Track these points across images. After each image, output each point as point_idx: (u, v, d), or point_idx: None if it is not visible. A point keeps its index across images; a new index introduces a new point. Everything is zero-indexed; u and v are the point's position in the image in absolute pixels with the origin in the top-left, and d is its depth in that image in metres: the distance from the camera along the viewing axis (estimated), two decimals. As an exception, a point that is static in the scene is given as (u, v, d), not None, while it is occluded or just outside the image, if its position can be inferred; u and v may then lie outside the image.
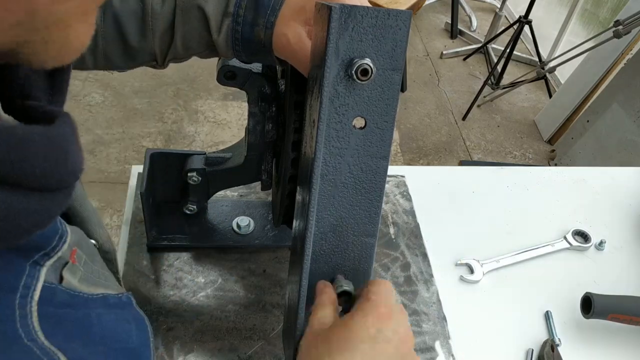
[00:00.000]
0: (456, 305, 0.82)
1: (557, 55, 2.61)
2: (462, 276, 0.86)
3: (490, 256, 0.89)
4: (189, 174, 0.75)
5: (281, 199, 0.66)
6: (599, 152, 2.27)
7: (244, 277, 0.80)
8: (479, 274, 0.86)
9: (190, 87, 2.60)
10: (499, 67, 2.76)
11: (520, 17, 2.63)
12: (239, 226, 0.83)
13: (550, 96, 2.96)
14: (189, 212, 0.81)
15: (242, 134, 0.75)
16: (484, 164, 2.46)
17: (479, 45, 3.15)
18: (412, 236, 0.91)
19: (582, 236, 0.94)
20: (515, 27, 2.66)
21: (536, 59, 2.94)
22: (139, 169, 0.89)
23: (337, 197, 0.48)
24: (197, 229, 0.83)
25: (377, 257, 0.86)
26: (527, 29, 2.66)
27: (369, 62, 0.42)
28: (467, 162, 2.49)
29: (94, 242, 0.42)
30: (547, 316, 0.82)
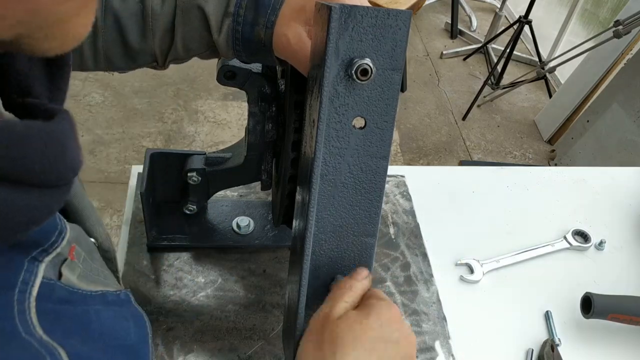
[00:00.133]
0: (456, 305, 0.82)
1: (557, 55, 2.61)
2: (462, 276, 0.86)
3: (490, 256, 0.89)
4: (189, 174, 0.75)
5: (281, 199, 0.66)
6: (599, 152, 2.27)
7: (244, 277, 0.80)
8: (479, 274, 0.86)
9: (190, 87, 2.60)
10: (499, 67, 2.76)
11: (520, 17, 2.63)
12: (239, 226, 0.83)
13: (550, 96, 2.96)
14: (189, 212, 0.81)
15: (242, 134, 0.75)
16: (484, 164, 2.46)
17: (479, 45, 3.15)
18: (412, 236, 0.91)
19: (582, 236, 0.94)
20: (515, 27, 2.66)
21: (536, 59, 2.94)
22: (139, 169, 0.89)
23: (337, 197, 0.48)
24: (197, 229, 0.83)
25: (377, 257, 0.86)
26: (527, 29, 2.66)
27: (368, 62, 0.42)
28: (467, 162, 2.50)
29: (93, 240, 0.42)
30: (547, 316, 0.82)
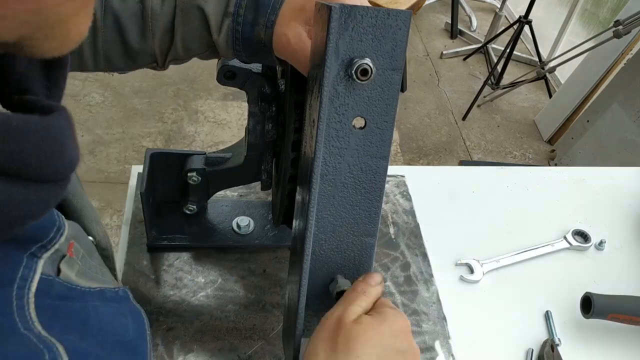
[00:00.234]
0: (456, 305, 0.82)
1: (557, 55, 2.61)
2: (462, 276, 0.86)
3: (490, 256, 0.89)
4: (189, 174, 0.75)
5: (281, 199, 0.66)
6: (599, 152, 2.27)
7: (244, 277, 0.80)
8: (479, 274, 0.86)
9: (190, 87, 2.60)
10: (499, 67, 2.76)
11: (520, 17, 2.63)
12: (239, 226, 0.83)
13: (550, 96, 2.96)
14: (189, 212, 0.81)
15: (242, 134, 0.75)
16: (484, 164, 2.46)
17: (479, 45, 3.15)
18: (412, 236, 0.91)
19: (582, 236, 0.94)
20: (515, 27, 2.66)
21: (536, 59, 2.94)
22: (139, 169, 0.89)
23: (337, 197, 0.48)
24: (197, 229, 0.83)
25: (377, 257, 0.86)
26: (527, 29, 2.66)
27: (368, 62, 0.42)
28: (467, 162, 2.49)
29: (91, 238, 0.42)
30: (547, 316, 0.82)
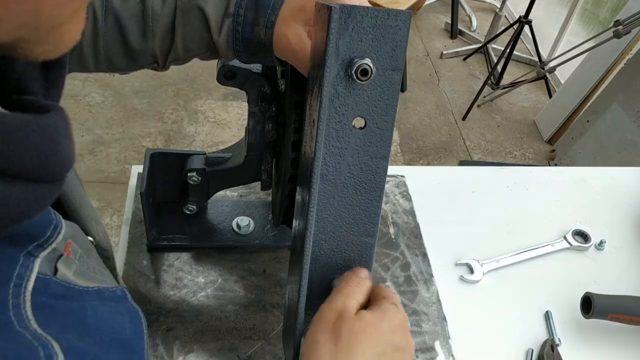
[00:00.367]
0: (456, 305, 0.82)
1: (557, 55, 2.61)
2: (462, 276, 0.86)
3: (490, 256, 0.89)
4: (189, 174, 0.75)
5: (281, 199, 0.66)
6: (599, 152, 2.27)
7: (244, 277, 0.80)
8: (479, 274, 0.86)
9: (190, 87, 2.60)
10: (499, 67, 2.76)
11: (520, 17, 2.63)
12: (239, 226, 0.83)
13: (550, 96, 2.96)
14: (189, 212, 0.81)
15: (242, 134, 0.75)
16: (484, 164, 2.46)
17: (479, 45, 3.15)
18: (412, 236, 0.91)
19: (582, 236, 0.94)
20: (515, 27, 2.66)
21: (536, 59, 2.94)
22: (139, 169, 0.89)
23: (337, 197, 0.48)
24: (197, 229, 0.83)
25: (377, 257, 0.86)
26: (527, 29, 2.66)
27: (368, 62, 0.42)
28: (467, 162, 2.49)
29: (90, 238, 0.42)
30: (547, 316, 0.82)
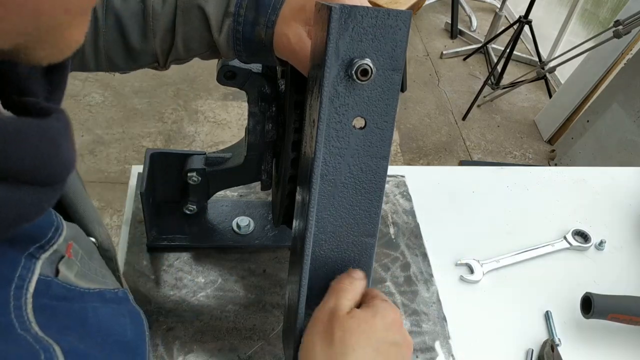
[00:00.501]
0: (456, 305, 0.82)
1: (557, 55, 2.61)
2: (462, 276, 0.86)
3: (490, 256, 0.89)
4: (189, 174, 0.75)
5: (281, 199, 0.66)
6: (599, 152, 2.27)
7: (244, 277, 0.80)
8: (479, 274, 0.86)
9: (190, 87, 2.60)
10: (499, 67, 2.76)
11: (520, 17, 2.63)
12: (239, 226, 0.83)
13: (550, 96, 2.95)
14: (189, 212, 0.81)
15: (242, 134, 0.75)
16: (484, 164, 2.46)
17: (479, 45, 3.15)
18: (412, 236, 0.91)
19: (582, 236, 0.94)
20: (515, 27, 2.66)
21: (536, 59, 2.94)
22: (139, 169, 0.89)
23: (337, 197, 0.48)
24: (197, 229, 0.83)
25: (377, 257, 0.86)
26: (527, 29, 2.66)
27: (369, 62, 0.42)
28: (467, 162, 2.49)
29: (93, 240, 0.42)
30: (547, 316, 0.82)
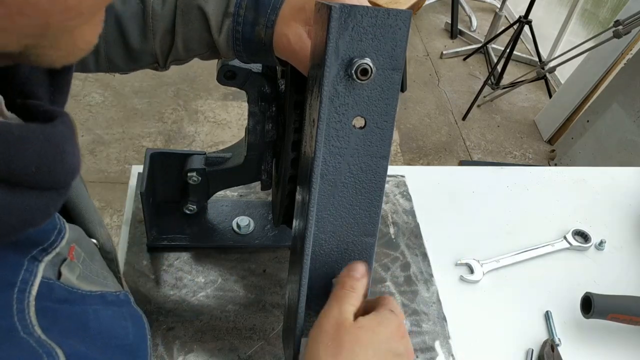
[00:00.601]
0: (456, 305, 0.82)
1: (557, 55, 2.61)
2: (462, 276, 0.86)
3: (490, 256, 0.89)
4: (189, 174, 0.75)
5: (281, 199, 0.66)
6: (599, 152, 2.27)
7: (244, 277, 0.80)
8: (479, 274, 0.86)
9: (190, 87, 2.60)
10: (499, 67, 2.76)
11: (520, 17, 2.63)
12: (239, 226, 0.83)
13: (550, 96, 2.96)
14: (189, 212, 0.81)
15: (242, 134, 0.75)
16: (484, 164, 2.46)
17: (479, 45, 3.15)
18: (412, 236, 0.91)
19: (582, 236, 0.94)
20: (515, 27, 2.66)
21: (536, 59, 2.94)
22: (139, 169, 0.89)
23: (337, 197, 0.48)
24: (197, 229, 0.83)
25: (377, 257, 0.86)
26: (527, 29, 2.66)
27: (368, 61, 0.42)
28: (467, 162, 2.49)
29: (94, 241, 0.42)
30: (547, 316, 0.82)
